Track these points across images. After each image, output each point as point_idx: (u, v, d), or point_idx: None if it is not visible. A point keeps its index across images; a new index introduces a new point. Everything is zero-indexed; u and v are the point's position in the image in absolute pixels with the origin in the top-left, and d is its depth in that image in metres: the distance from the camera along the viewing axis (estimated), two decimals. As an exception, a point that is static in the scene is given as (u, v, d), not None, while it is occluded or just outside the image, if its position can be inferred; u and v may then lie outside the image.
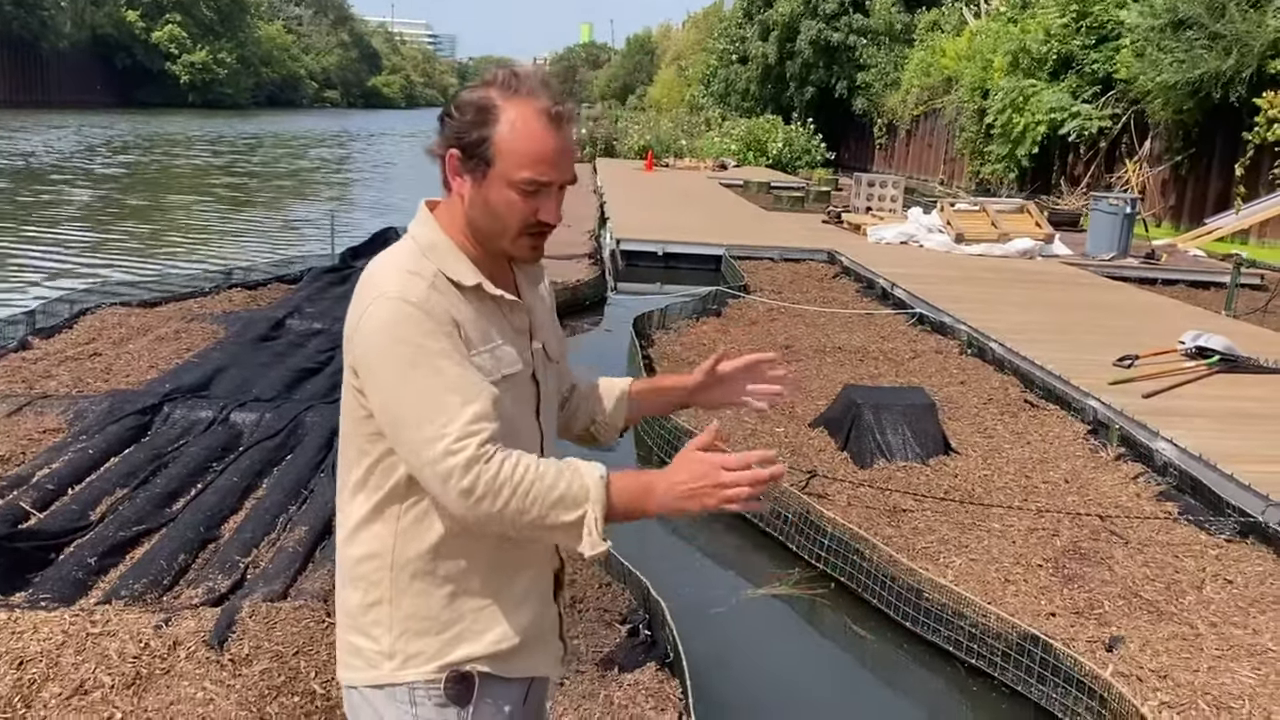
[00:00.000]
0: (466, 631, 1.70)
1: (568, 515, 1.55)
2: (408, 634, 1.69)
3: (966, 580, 4.38)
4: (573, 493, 1.56)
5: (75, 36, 67.11)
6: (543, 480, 1.55)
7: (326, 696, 3.27)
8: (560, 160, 1.64)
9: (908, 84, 35.31)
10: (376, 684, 1.70)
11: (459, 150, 1.64)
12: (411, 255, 1.67)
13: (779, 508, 5.16)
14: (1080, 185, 23.99)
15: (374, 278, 1.65)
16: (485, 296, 1.69)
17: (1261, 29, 18.24)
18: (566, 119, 1.65)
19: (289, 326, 8.22)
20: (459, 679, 1.70)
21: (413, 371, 1.57)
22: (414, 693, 1.69)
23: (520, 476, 1.54)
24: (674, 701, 3.38)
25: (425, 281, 1.62)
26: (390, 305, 1.59)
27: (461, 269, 1.67)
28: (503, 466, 1.54)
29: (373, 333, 1.60)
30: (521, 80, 1.64)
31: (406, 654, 1.69)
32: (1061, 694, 3.68)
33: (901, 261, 12.58)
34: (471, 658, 1.70)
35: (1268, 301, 11.43)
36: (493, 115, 1.61)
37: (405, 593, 1.68)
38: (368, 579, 1.70)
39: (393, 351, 1.58)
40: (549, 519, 1.56)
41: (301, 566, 4.18)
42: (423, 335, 1.58)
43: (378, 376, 1.60)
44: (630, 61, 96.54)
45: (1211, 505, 5.22)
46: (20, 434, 5.42)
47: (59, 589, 3.87)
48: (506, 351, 1.70)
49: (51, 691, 3.17)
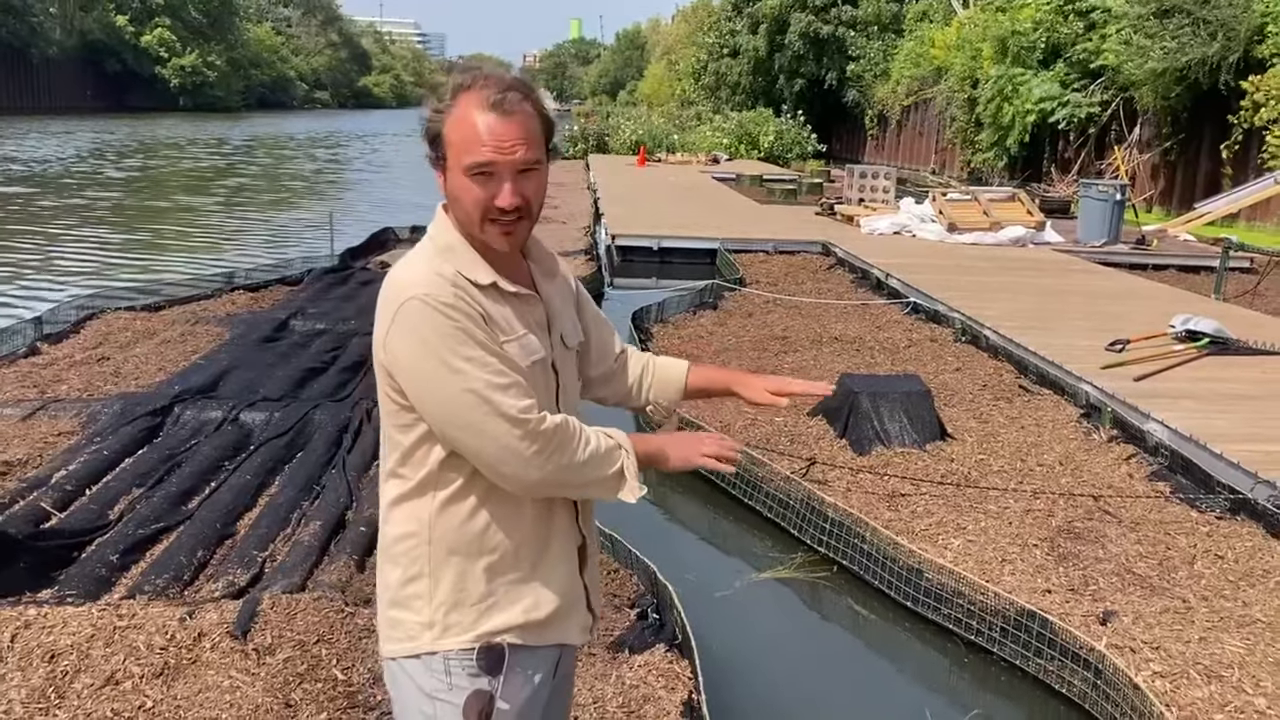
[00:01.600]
0: (500, 603, 1.82)
1: (610, 467, 1.82)
2: (445, 606, 1.80)
3: (965, 560, 4.50)
4: (608, 446, 1.82)
5: (65, 43, 67.04)
6: (583, 433, 1.80)
7: (348, 683, 3.39)
8: (501, 143, 1.71)
9: (898, 74, 35.44)
10: (415, 654, 1.81)
11: (430, 149, 1.77)
12: (431, 257, 1.78)
13: (781, 494, 5.28)
14: (1071, 172, 24.14)
15: (400, 281, 1.75)
16: (503, 293, 1.80)
17: (1247, 14, 18.40)
18: (509, 105, 1.72)
19: (292, 327, 8.33)
20: (490, 650, 1.81)
21: (452, 365, 1.68)
22: (449, 662, 1.80)
23: (574, 432, 1.78)
24: (684, 681, 3.49)
25: (448, 281, 1.73)
26: (420, 307, 1.70)
27: (477, 269, 1.78)
28: (559, 428, 1.76)
29: (407, 335, 1.70)
30: (474, 77, 1.76)
31: (445, 625, 1.80)
32: (1058, 667, 3.81)
33: (895, 252, 12.70)
34: (505, 628, 1.82)
35: (1257, 284, 11.58)
36: (445, 111, 1.74)
37: (443, 567, 1.80)
38: (408, 555, 1.82)
39: (430, 351, 1.69)
40: (595, 471, 1.80)
41: (318, 559, 4.30)
42: (455, 330, 1.69)
43: (419, 376, 1.71)
44: (620, 57, 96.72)
45: (1202, 484, 5.35)
46: (36, 437, 5.53)
47: (84, 585, 3.99)
48: (530, 340, 1.82)
49: (84, 682, 3.28)
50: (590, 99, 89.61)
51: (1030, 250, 13.75)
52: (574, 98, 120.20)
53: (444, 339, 1.69)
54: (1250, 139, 18.50)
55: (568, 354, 1.95)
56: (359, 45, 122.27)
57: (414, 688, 1.83)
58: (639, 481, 1.83)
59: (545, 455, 1.73)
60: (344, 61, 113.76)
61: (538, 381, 1.82)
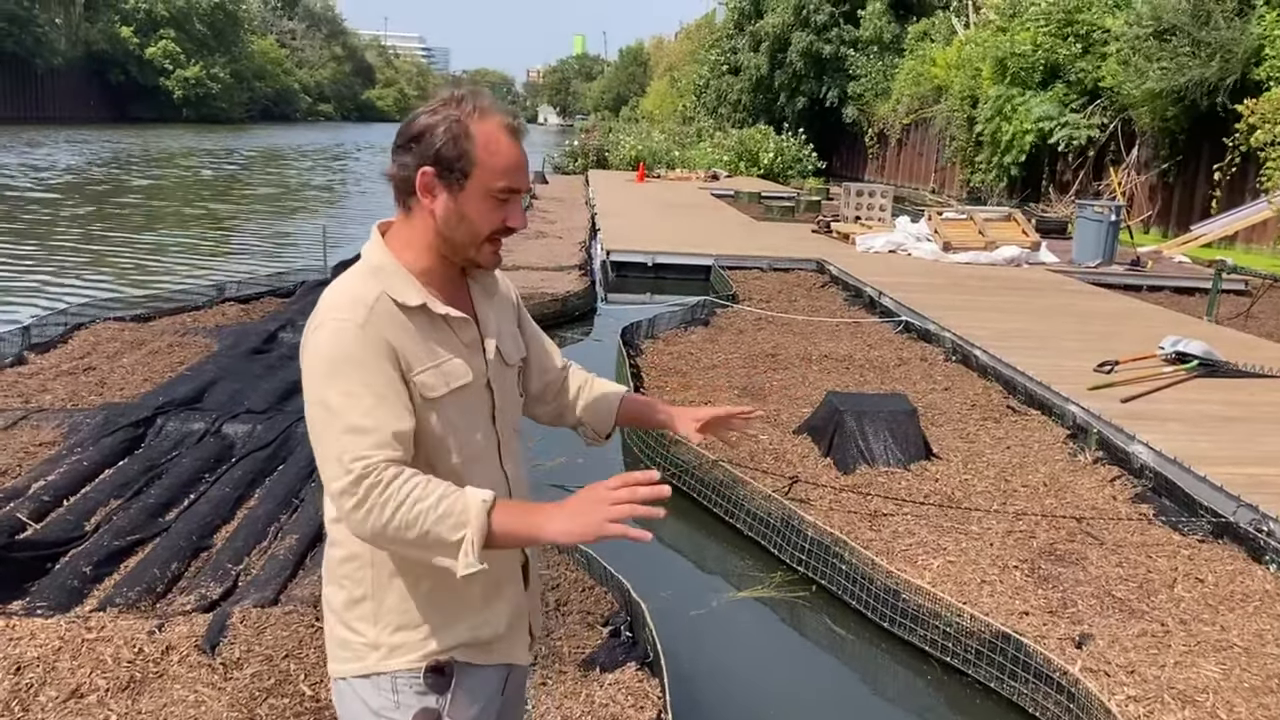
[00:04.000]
0: (446, 623, 1.82)
1: (450, 535, 1.62)
2: (390, 627, 1.81)
3: (944, 582, 4.48)
4: (455, 515, 1.62)
5: (70, 53, 67.21)
6: (426, 499, 1.62)
7: (315, 698, 3.37)
8: (522, 168, 1.82)
9: (898, 93, 35.56)
10: (363, 674, 1.82)
11: (434, 168, 1.75)
12: (360, 278, 1.79)
13: (762, 513, 5.26)
14: (1069, 193, 24.18)
15: (324, 300, 1.77)
16: (431, 315, 1.79)
17: (1245, 36, 18.46)
18: (523, 132, 1.83)
19: (281, 339, 8.32)
20: (437, 669, 1.81)
21: (333, 393, 1.68)
22: (396, 681, 1.81)
23: (406, 494, 1.62)
24: (653, 700, 3.47)
25: (366, 306, 1.72)
26: (329, 329, 1.71)
27: (407, 290, 1.77)
28: (391, 484, 1.62)
29: (311, 353, 1.72)
30: (476, 99, 1.78)
31: (391, 645, 1.80)
32: (1031, 690, 3.78)
33: (889, 270, 12.71)
34: (450, 647, 1.82)
35: (1249, 306, 11.57)
36: (466, 132, 1.74)
37: (386, 589, 1.80)
38: (351, 578, 1.82)
39: (322, 373, 1.69)
40: (431, 536, 1.62)
41: (292, 573, 4.28)
42: (351, 361, 1.69)
43: (308, 393, 1.72)
44: (623, 73, 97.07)
45: (1185, 506, 5.34)
46: (16, 447, 5.52)
47: (55, 597, 3.97)
48: (455, 365, 1.80)
49: (48, 695, 3.26)
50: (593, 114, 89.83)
51: (1025, 270, 13.76)
52: (577, 113, 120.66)
53: (334, 365, 1.69)
54: (1247, 161, 18.53)
55: (507, 370, 1.95)
56: (363, 59, 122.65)
57: (362, 706, 1.83)
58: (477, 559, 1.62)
59: (364, 510, 1.62)
60: (348, 75, 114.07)
61: (466, 404, 1.82)
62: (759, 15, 42.94)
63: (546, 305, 10.22)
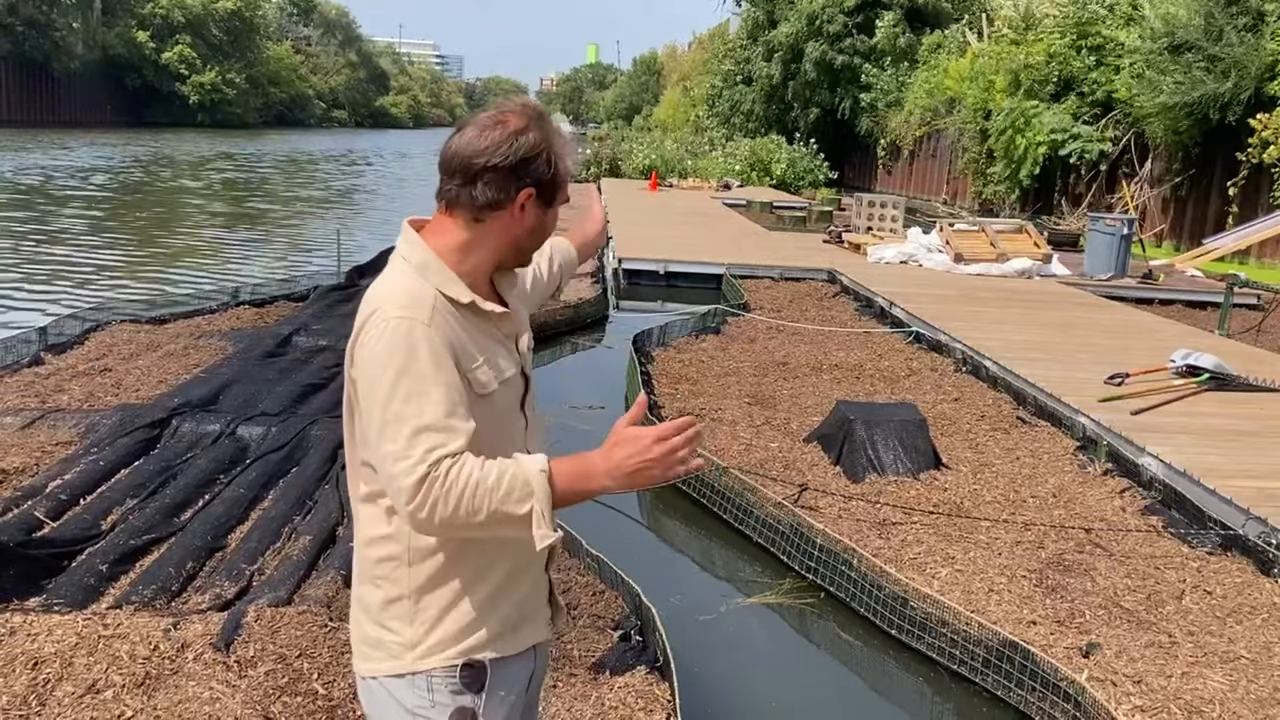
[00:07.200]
0: (480, 618, 1.84)
1: (518, 510, 1.66)
2: (426, 625, 1.83)
3: (952, 590, 4.50)
4: (517, 489, 1.66)
5: (87, 57, 67.66)
6: (486, 481, 1.65)
7: (328, 697, 3.41)
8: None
9: (911, 104, 35.53)
10: (397, 673, 1.83)
11: (535, 189, 1.82)
12: (410, 277, 1.80)
13: (771, 520, 5.29)
14: (1082, 206, 24.15)
15: (377, 298, 1.78)
16: (479, 311, 1.83)
17: (1258, 51, 18.44)
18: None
19: (295, 343, 8.38)
20: (472, 668, 1.84)
21: (397, 392, 1.69)
22: (432, 680, 1.83)
23: (465, 480, 1.64)
24: (663, 704, 3.50)
25: (429, 305, 1.75)
26: (388, 326, 1.72)
27: (457, 288, 1.80)
28: (449, 473, 1.65)
29: (370, 351, 1.73)
30: (550, 119, 1.88)
31: (428, 645, 1.82)
32: (1038, 698, 3.80)
33: (900, 281, 12.73)
34: (484, 643, 1.85)
35: (1262, 320, 11.55)
36: (554, 152, 1.84)
37: (422, 588, 1.82)
38: (387, 578, 1.84)
39: (386, 371, 1.70)
40: (500, 515, 1.66)
41: (306, 574, 4.32)
42: (414, 358, 1.70)
43: (368, 392, 1.73)
44: (636, 82, 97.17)
45: (1194, 519, 5.34)
46: (34, 446, 5.58)
47: (72, 594, 4.02)
48: (501, 359, 1.86)
49: (65, 690, 3.31)
50: (606, 123, 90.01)
51: (1036, 282, 13.76)
52: (590, 121, 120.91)
53: (403, 364, 1.70)
54: (1260, 175, 18.50)
55: (528, 354, 2.00)
56: (377, 65, 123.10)
57: (396, 705, 1.84)
58: (551, 527, 1.68)
59: (428, 506, 1.65)
60: (362, 81, 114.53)
61: (508, 395, 1.87)
62: (772, 25, 42.98)
63: (559, 312, 10.26)
